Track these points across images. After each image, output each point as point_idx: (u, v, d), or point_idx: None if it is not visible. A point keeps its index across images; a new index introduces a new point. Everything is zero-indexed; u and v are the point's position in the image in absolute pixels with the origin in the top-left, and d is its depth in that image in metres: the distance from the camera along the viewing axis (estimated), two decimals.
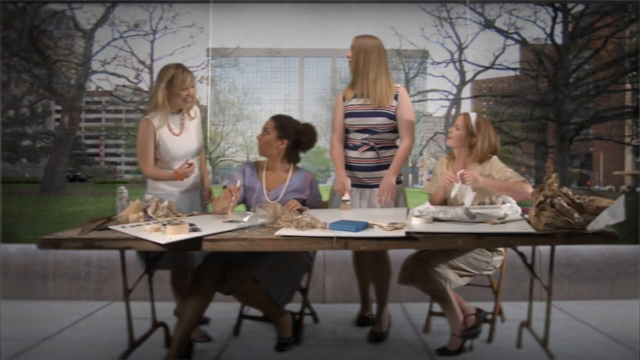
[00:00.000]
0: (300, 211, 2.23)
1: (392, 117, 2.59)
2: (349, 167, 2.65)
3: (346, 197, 2.48)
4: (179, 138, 2.53)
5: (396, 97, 2.59)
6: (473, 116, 2.45)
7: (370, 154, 2.61)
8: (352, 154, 2.64)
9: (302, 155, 2.69)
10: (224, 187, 2.43)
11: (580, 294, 3.46)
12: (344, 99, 2.69)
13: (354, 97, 2.64)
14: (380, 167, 2.61)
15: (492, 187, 2.29)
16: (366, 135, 2.60)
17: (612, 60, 12.28)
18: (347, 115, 2.64)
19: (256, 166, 2.62)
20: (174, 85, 2.45)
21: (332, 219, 1.94)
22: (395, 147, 2.67)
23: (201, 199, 2.67)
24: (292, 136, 2.54)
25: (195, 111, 2.64)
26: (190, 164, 2.43)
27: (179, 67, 2.49)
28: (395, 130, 2.63)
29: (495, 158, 2.42)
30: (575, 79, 12.65)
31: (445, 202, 2.48)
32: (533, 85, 12.86)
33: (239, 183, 2.40)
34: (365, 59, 2.56)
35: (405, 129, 2.61)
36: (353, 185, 2.61)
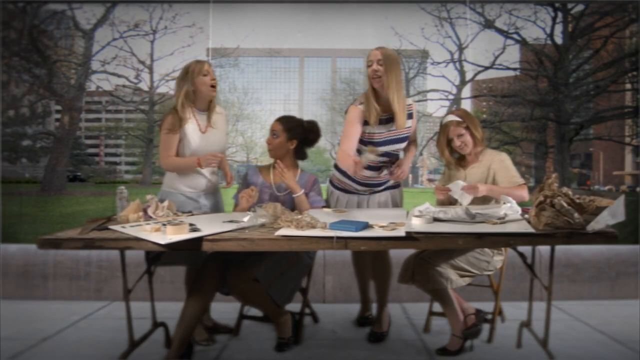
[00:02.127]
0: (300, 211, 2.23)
1: (408, 137, 2.56)
2: (357, 182, 2.62)
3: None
4: (205, 135, 2.54)
5: (410, 115, 2.52)
6: (454, 117, 2.47)
7: (386, 171, 2.59)
8: (370, 173, 2.57)
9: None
10: (234, 199, 2.53)
11: (580, 294, 3.46)
12: (366, 123, 2.44)
13: (380, 122, 2.46)
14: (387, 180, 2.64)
15: (491, 193, 2.33)
16: (386, 158, 2.56)
17: (612, 60, 12.28)
18: (373, 143, 2.48)
19: (258, 170, 2.66)
20: (192, 74, 2.46)
21: (332, 219, 1.94)
22: None
23: (221, 201, 2.70)
24: (300, 135, 2.59)
25: (221, 112, 2.66)
26: (214, 158, 2.44)
27: (193, 60, 2.53)
28: None
29: (505, 156, 2.45)
30: (575, 79, 12.65)
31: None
32: (533, 85, 12.86)
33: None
34: (395, 77, 2.38)
35: (414, 139, 2.68)
36: (352, 193, 2.64)
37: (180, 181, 2.55)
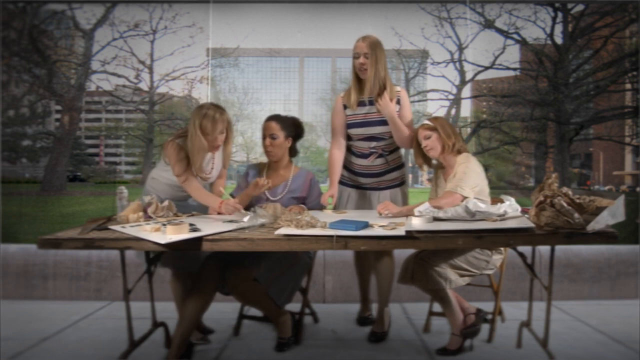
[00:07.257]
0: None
1: None
2: (357, 174, 2.64)
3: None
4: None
5: (398, 101, 2.58)
6: (425, 121, 2.43)
7: (380, 161, 2.61)
8: (362, 161, 2.62)
9: (302, 155, 2.71)
10: (231, 195, 2.47)
11: (580, 294, 3.46)
12: (345, 107, 2.62)
13: (360, 104, 2.57)
14: (388, 171, 2.65)
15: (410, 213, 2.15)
16: (374, 144, 2.59)
17: (612, 60, 12.27)
18: (353, 125, 2.59)
19: (258, 168, 2.65)
20: (203, 129, 2.30)
21: (332, 219, 1.94)
22: (399, 148, 2.67)
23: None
24: (292, 132, 2.58)
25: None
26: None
27: (211, 109, 2.32)
28: None
29: (474, 163, 2.32)
30: (575, 79, 12.64)
31: None
32: (533, 85, 12.85)
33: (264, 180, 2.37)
34: (379, 64, 2.49)
35: (408, 127, 2.60)
36: (362, 188, 2.64)
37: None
